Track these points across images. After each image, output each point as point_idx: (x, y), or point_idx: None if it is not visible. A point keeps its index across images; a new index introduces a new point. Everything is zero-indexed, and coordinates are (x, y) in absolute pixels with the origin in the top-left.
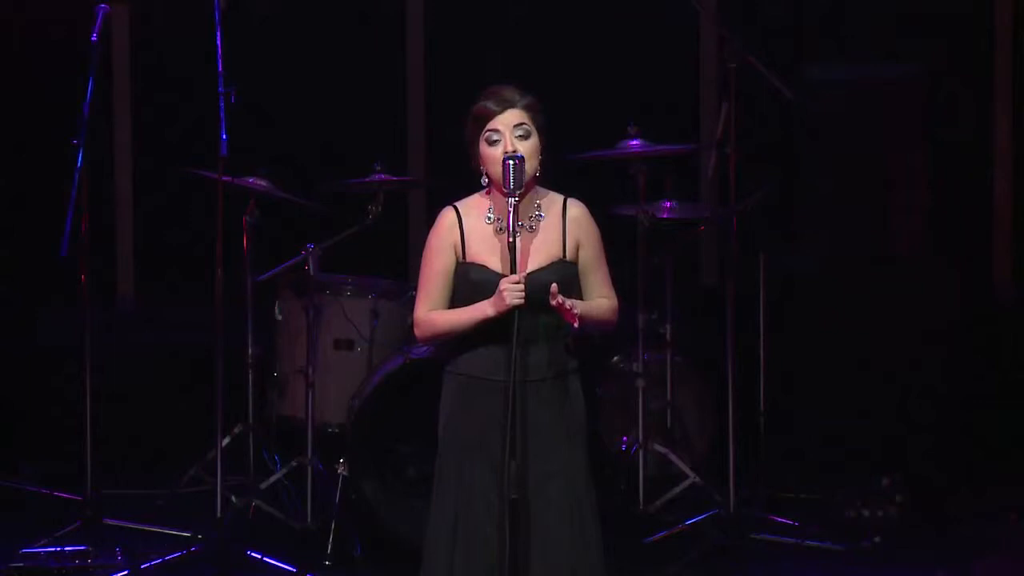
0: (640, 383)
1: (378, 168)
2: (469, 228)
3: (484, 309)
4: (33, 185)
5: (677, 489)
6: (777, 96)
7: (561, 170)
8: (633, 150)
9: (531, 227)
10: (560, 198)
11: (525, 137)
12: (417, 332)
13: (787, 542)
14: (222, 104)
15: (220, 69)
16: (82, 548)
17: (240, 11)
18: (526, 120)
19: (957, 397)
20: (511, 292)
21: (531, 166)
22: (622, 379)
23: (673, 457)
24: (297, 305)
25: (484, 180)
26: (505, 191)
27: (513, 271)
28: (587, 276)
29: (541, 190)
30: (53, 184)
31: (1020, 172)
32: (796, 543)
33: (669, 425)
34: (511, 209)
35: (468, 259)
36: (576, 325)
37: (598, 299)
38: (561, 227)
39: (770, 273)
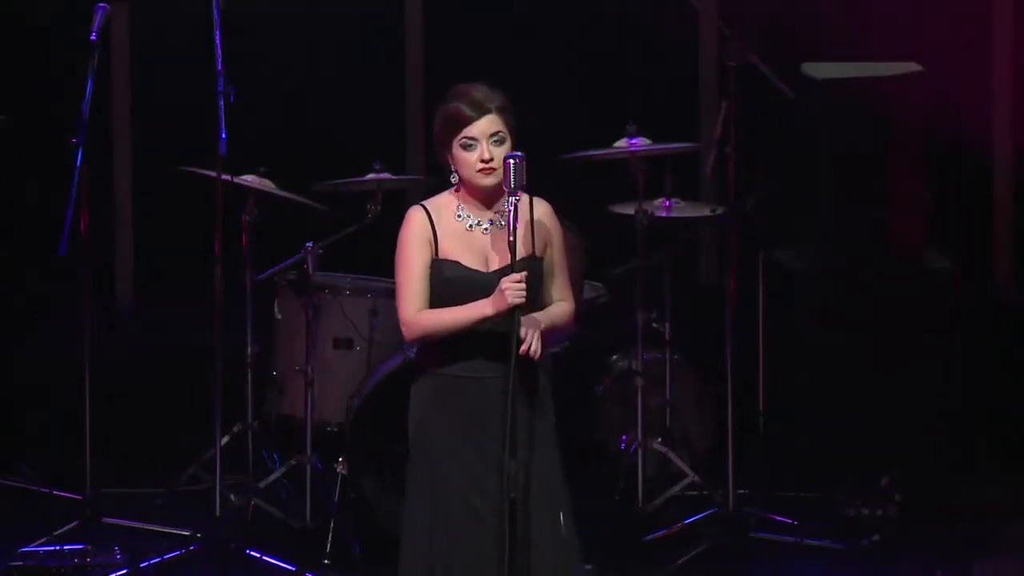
0: (639, 382)
1: (377, 167)
2: (440, 226)
3: (483, 309)
4: (33, 185)
5: (676, 488)
6: (777, 95)
7: (561, 169)
8: (632, 149)
9: (501, 224)
10: (526, 197)
11: (500, 143)
12: (406, 332)
13: (786, 541)
14: (221, 103)
15: (219, 68)
16: (81, 547)
17: (239, 10)
18: (501, 127)
19: (957, 397)
20: (513, 291)
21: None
22: (621, 378)
23: (672, 456)
24: (296, 304)
25: (454, 178)
26: (505, 189)
27: (494, 267)
28: (551, 276)
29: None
30: (53, 183)
31: (1020, 171)
32: (795, 542)
33: (668, 424)
34: (511, 208)
35: (440, 256)
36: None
37: (556, 306)
38: (530, 224)
39: (770, 272)
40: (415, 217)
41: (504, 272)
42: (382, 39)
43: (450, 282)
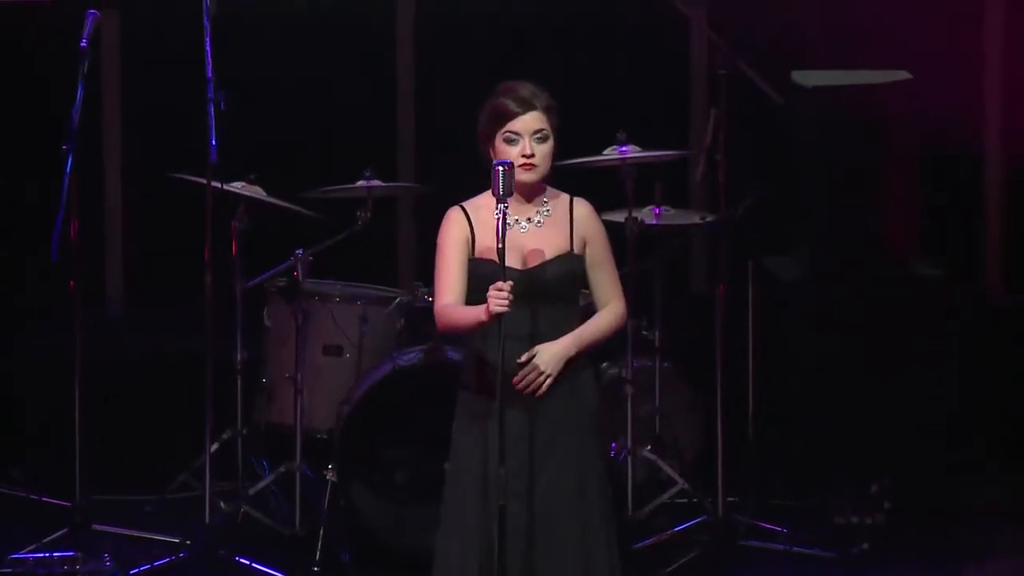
0: (629, 389)
1: (368, 174)
2: (477, 225)
3: (479, 314)
4: (25, 190)
5: (666, 495)
6: (767, 102)
7: (552, 176)
8: (623, 156)
9: (539, 222)
10: (567, 196)
11: (543, 141)
12: (436, 322)
13: (776, 548)
14: (211, 110)
15: (209, 75)
16: (71, 554)
17: (230, 17)
18: (545, 125)
19: (950, 402)
20: (495, 300)
21: (544, 168)
22: (611, 385)
23: (662, 463)
24: (286, 311)
25: None
26: (495, 196)
27: (531, 265)
28: (595, 274)
29: (550, 189)
30: (44, 189)
31: (1011, 178)
32: (785, 549)
33: (658, 431)
34: (500, 215)
35: (477, 255)
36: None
37: (596, 319)
38: (568, 223)
39: (760, 279)
40: (452, 216)
41: (539, 269)
42: (373, 46)
43: (485, 280)
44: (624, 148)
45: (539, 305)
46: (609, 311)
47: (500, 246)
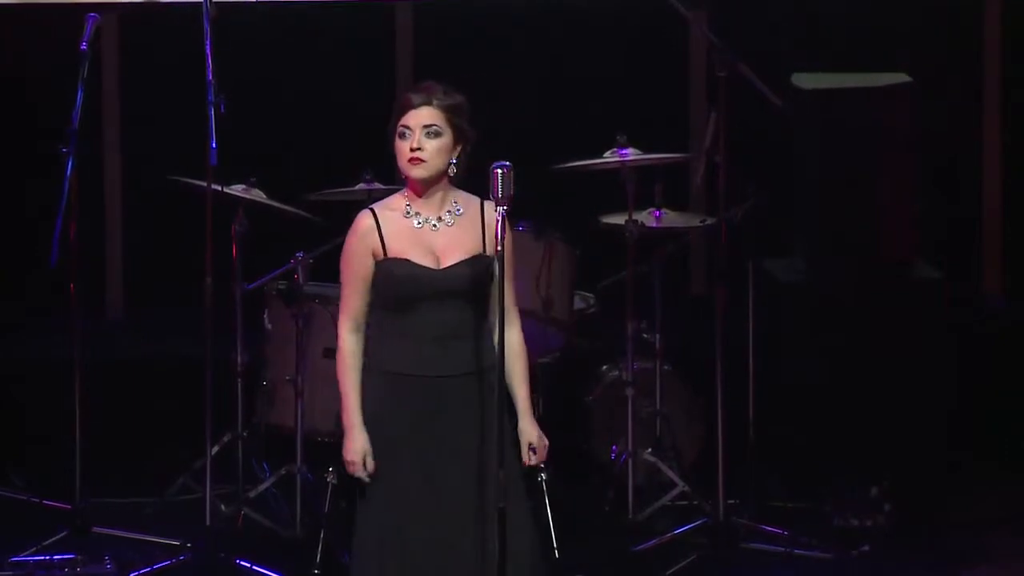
0: (629, 392)
1: (367, 176)
2: (387, 227)
3: (347, 414)
4: (24, 193)
5: (666, 498)
6: (766, 105)
7: (551, 179)
8: (622, 159)
9: (450, 222)
10: (478, 199)
11: (434, 136)
12: (339, 344)
13: (776, 551)
14: (211, 113)
15: (210, 78)
16: (71, 557)
17: (230, 20)
18: (439, 121)
19: (949, 406)
20: (349, 465)
21: (435, 165)
22: (612, 388)
23: (662, 466)
24: (286, 314)
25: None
26: (494, 198)
27: (445, 264)
28: (500, 280)
29: (459, 191)
30: (44, 193)
31: (1010, 183)
32: (785, 552)
33: (658, 434)
34: (500, 219)
35: (390, 255)
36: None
37: (517, 360)
38: (480, 224)
39: (759, 281)
40: (360, 224)
41: (454, 268)
42: (373, 48)
43: (400, 280)
44: (624, 151)
45: (452, 306)
46: (521, 347)
47: (500, 248)
